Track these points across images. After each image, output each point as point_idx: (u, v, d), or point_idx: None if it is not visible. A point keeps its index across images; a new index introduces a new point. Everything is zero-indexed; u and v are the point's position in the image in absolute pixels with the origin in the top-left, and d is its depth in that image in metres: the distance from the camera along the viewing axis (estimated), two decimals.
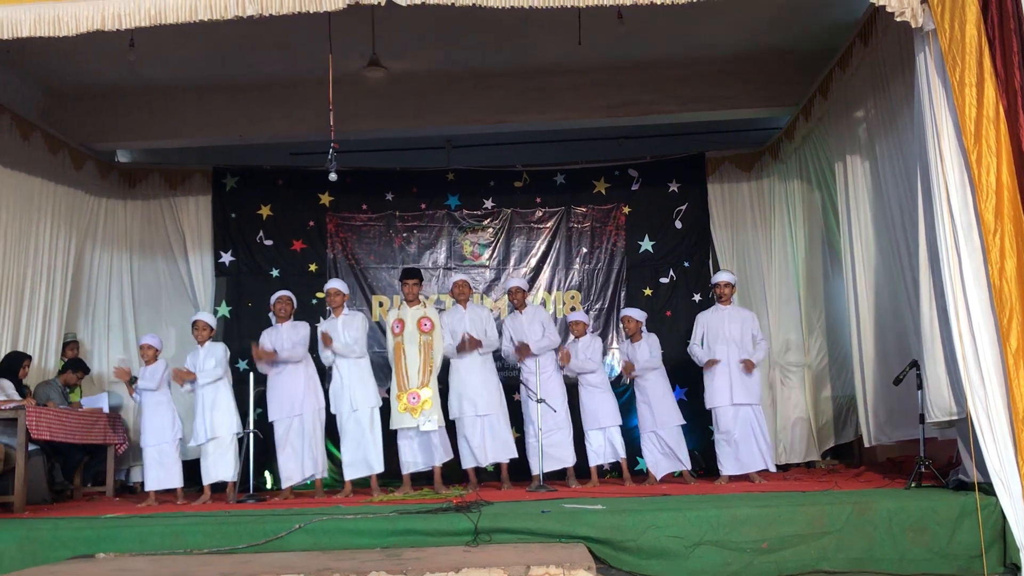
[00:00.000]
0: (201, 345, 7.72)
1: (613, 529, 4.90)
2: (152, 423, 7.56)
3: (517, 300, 8.14)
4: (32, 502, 7.13)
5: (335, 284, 7.91)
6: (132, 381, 7.70)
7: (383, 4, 5.35)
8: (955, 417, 5.45)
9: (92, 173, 9.41)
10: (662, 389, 7.97)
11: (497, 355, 8.08)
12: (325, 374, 7.98)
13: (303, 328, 7.85)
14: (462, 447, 7.78)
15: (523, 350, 7.79)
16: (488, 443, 7.71)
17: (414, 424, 7.49)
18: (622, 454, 7.88)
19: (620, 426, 7.93)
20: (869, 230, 7.33)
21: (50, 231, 8.69)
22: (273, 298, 7.95)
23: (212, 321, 7.95)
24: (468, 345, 7.69)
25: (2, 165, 7.95)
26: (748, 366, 7.65)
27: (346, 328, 7.69)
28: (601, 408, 7.90)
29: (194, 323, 7.84)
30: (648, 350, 7.96)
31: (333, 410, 7.70)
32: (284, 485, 7.66)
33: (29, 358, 8.05)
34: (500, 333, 8.10)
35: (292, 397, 7.66)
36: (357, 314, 7.92)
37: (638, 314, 8.15)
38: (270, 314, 7.98)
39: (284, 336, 7.76)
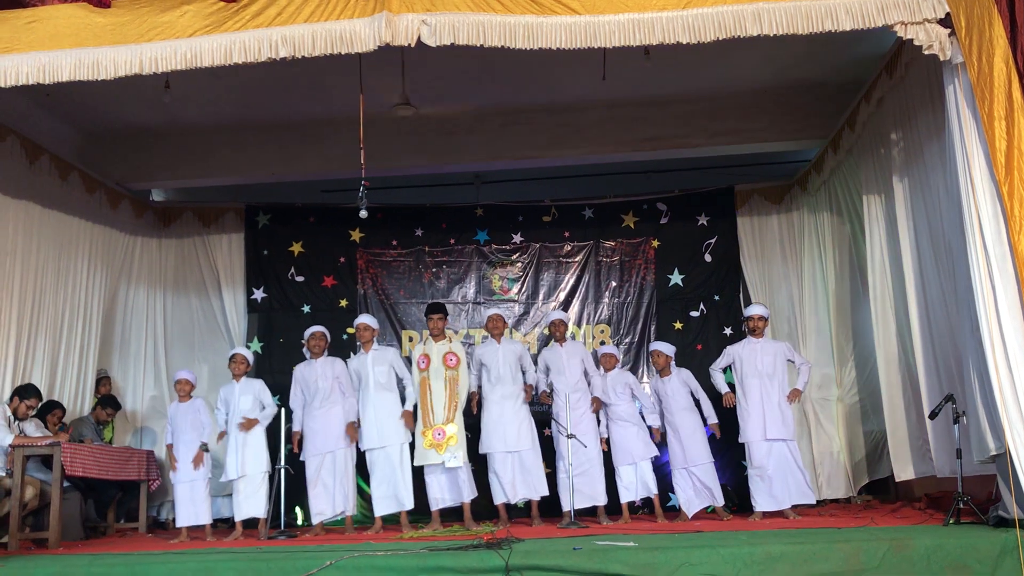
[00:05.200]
0: (237, 380, 7.78)
1: (646, 566, 4.83)
2: (185, 460, 7.62)
3: (559, 333, 8.13)
4: (67, 538, 7.19)
5: (365, 319, 7.97)
6: (204, 449, 7.72)
7: (413, 46, 5.45)
8: (994, 453, 5.36)
9: (128, 212, 9.58)
10: (692, 425, 7.90)
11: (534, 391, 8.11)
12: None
13: (340, 365, 7.88)
14: (492, 483, 7.75)
15: (596, 403, 7.94)
16: (518, 480, 7.68)
17: (439, 460, 7.49)
18: (654, 490, 7.81)
19: (653, 459, 7.88)
20: (900, 262, 7.27)
21: (87, 270, 8.83)
22: (307, 333, 8.01)
23: (250, 356, 8.03)
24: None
25: (41, 205, 8.11)
26: (795, 395, 7.64)
27: (375, 363, 7.72)
28: (632, 442, 7.84)
29: (232, 357, 7.92)
30: (681, 384, 7.92)
31: (363, 446, 7.72)
32: (315, 521, 7.67)
33: (63, 408, 8.14)
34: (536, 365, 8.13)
35: (325, 434, 7.68)
36: (388, 349, 7.96)
37: (667, 348, 8.11)
38: (304, 350, 8.02)
39: (319, 372, 7.80)
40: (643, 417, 8.07)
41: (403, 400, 7.79)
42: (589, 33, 5.41)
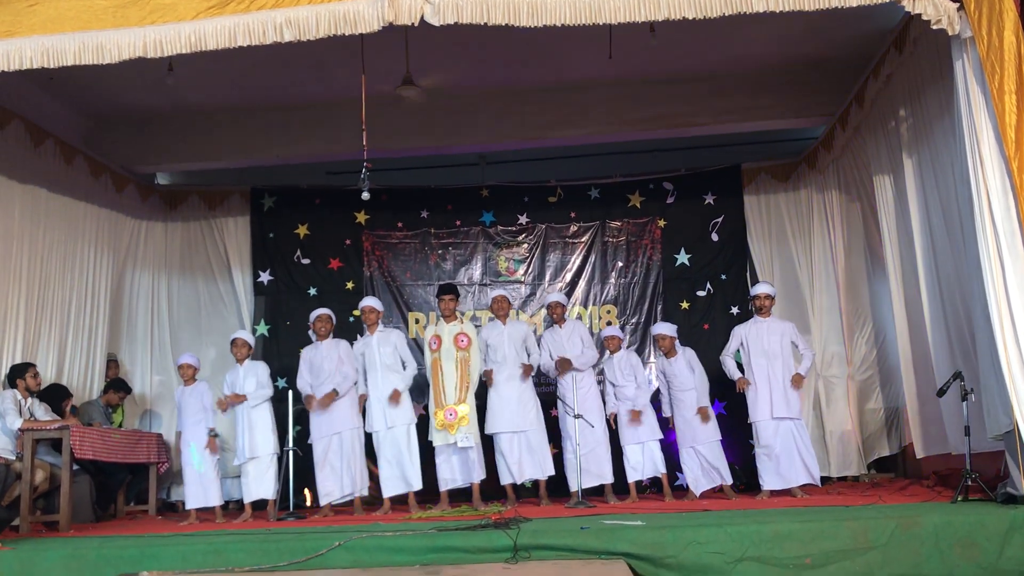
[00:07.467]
0: (240, 363, 7.81)
1: (654, 545, 4.86)
2: (194, 443, 7.64)
3: (556, 315, 8.13)
4: (77, 521, 7.23)
5: (370, 302, 7.98)
6: (214, 434, 7.66)
7: (417, 25, 5.41)
8: (1007, 430, 5.35)
9: (133, 196, 9.57)
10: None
11: (536, 370, 8.08)
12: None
13: (344, 346, 7.88)
14: (499, 463, 7.76)
15: (564, 364, 7.78)
16: (525, 460, 7.70)
17: (452, 440, 7.51)
18: (662, 469, 7.81)
19: (660, 440, 7.88)
20: (912, 239, 7.23)
21: (93, 254, 8.84)
22: (312, 316, 8.01)
23: (251, 339, 8.06)
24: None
25: (47, 189, 8.11)
26: (797, 381, 7.56)
27: (381, 345, 7.73)
28: (639, 424, 7.84)
29: (233, 341, 7.94)
30: (687, 364, 7.90)
31: (368, 428, 7.74)
32: (323, 502, 7.69)
33: (70, 394, 8.16)
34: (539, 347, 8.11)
35: (331, 416, 7.69)
36: (393, 331, 7.97)
37: (669, 329, 8.06)
38: (310, 332, 8.04)
39: (324, 354, 7.80)
40: (658, 404, 8.06)
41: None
42: (594, 9, 5.36)
